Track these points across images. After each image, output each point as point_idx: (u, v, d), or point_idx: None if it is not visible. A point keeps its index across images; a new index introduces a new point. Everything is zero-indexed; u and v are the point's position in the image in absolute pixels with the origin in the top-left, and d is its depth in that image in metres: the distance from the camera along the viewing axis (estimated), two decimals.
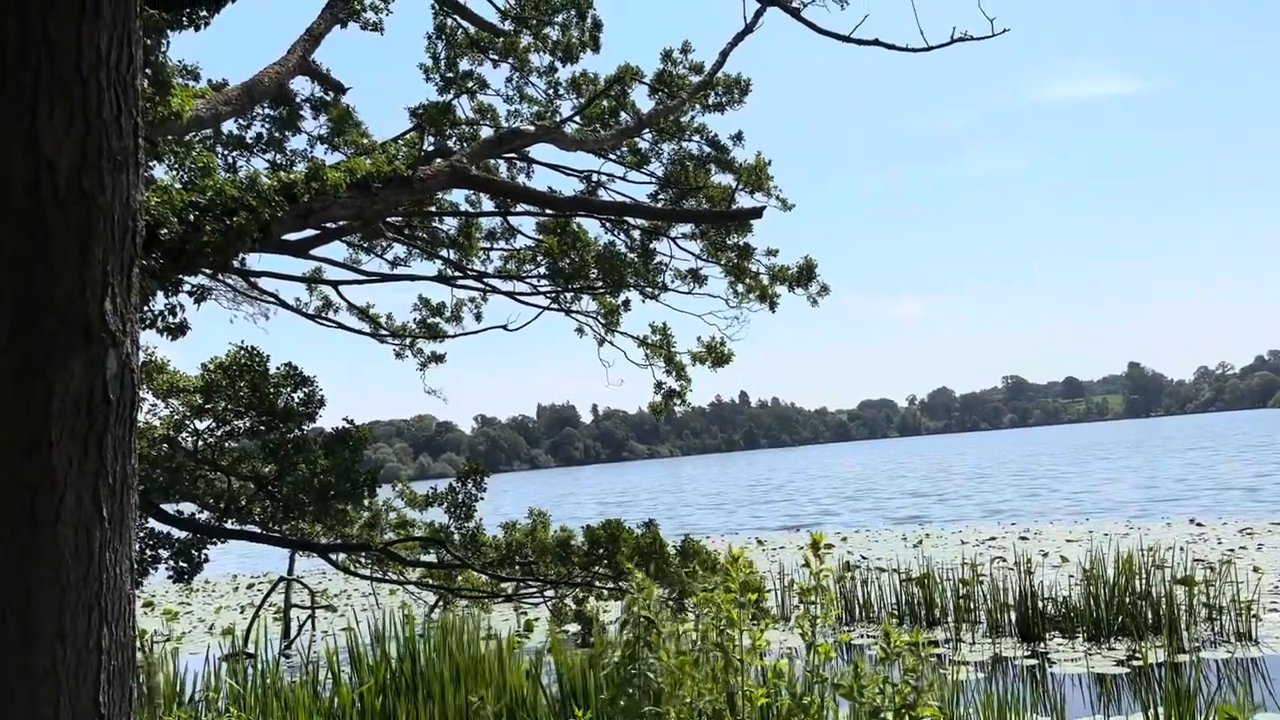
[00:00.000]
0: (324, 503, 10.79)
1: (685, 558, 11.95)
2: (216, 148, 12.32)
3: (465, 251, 13.74)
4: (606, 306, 14.46)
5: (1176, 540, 18.12)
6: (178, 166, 10.74)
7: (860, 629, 13.04)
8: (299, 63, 9.24)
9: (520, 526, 12.68)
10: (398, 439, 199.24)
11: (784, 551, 22.44)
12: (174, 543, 11.24)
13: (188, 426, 11.92)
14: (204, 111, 7.86)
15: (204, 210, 6.71)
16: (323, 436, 11.76)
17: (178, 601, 22.52)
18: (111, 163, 3.44)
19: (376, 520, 12.52)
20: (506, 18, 12.79)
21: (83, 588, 3.11)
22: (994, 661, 10.59)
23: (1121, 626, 11.11)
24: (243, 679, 7.87)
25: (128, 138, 3.46)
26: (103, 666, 3.14)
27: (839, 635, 5.51)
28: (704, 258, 14.16)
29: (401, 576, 13.77)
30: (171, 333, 7.52)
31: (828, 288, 13.84)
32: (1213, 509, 25.29)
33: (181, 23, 6.50)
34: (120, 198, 3.46)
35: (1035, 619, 11.44)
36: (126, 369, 3.37)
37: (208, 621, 18.83)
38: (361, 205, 8.38)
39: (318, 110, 12.30)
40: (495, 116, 13.65)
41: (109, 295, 3.33)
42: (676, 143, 14.04)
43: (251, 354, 11.31)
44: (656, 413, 15.44)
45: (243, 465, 11.93)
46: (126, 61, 3.46)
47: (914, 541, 22.71)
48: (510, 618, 15.69)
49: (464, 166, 9.35)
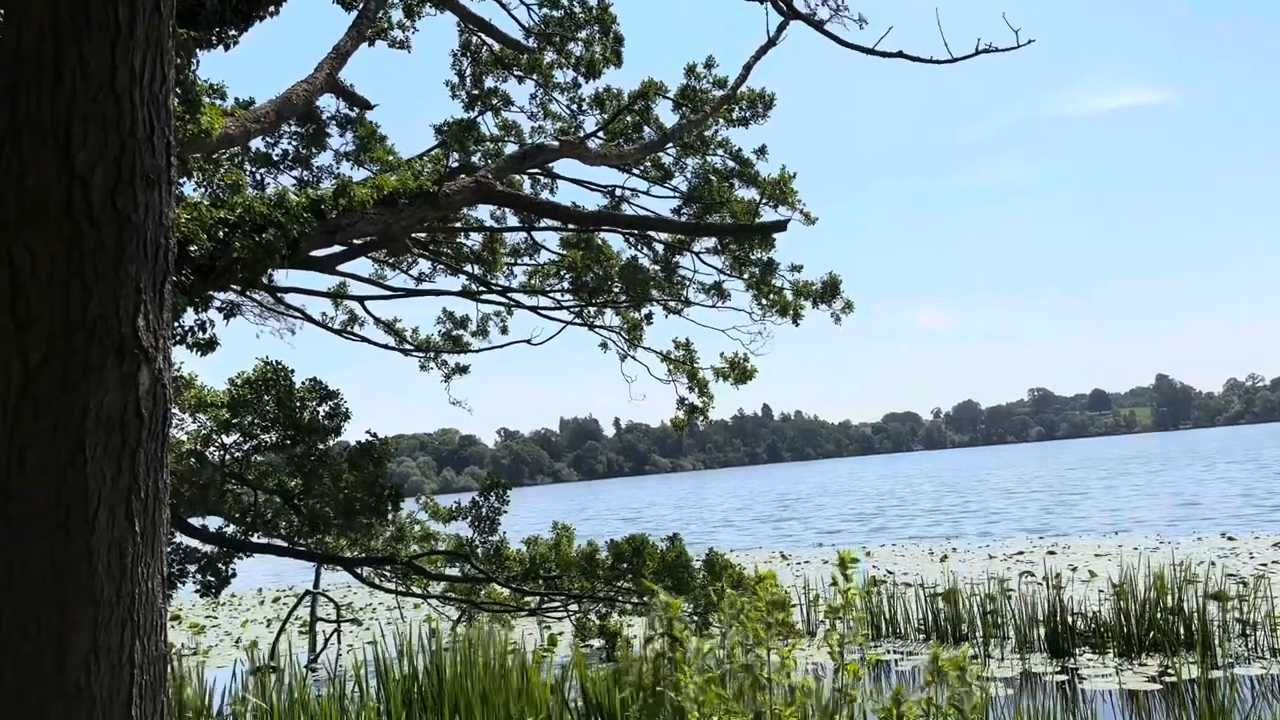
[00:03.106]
0: (348, 517, 10.83)
1: (711, 572, 11.90)
2: (244, 165, 12.46)
3: (489, 267, 13.79)
4: (629, 321, 14.46)
5: (1208, 555, 17.87)
6: (206, 183, 10.87)
7: (887, 644, 12.92)
8: (326, 80, 9.34)
9: (544, 540, 12.67)
10: (421, 453, 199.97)
11: (809, 566, 22.30)
12: (201, 556, 11.31)
13: (215, 441, 12.01)
14: (234, 130, 7.95)
15: (233, 227, 6.78)
16: (347, 450, 11.81)
17: (204, 615, 22.65)
18: (145, 180, 3.48)
19: (401, 534, 12.55)
20: (530, 35, 12.87)
21: (116, 603, 3.13)
22: (1023, 678, 10.46)
23: (1153, 642, 10.95)
24: (269, 693, 7.90)
25: (160, 156, 3.50)
26: (135, 681, 3.16)
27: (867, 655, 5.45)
28: (727, 272, 14.14)
29: (425, 590, 13.78)
30: (201, 348, 7.59)
31: (852, 304, 13.75)
32: (1245, 523, 24.92)
33: (210, 42, 6.59)
34: (153, 215, 3.50)
35: (1065, 634, 11.30)
36: (159, 385, 3.40)
37: (234, 635, 18.92)
38: (388, 221, 8.44)
39: (344, 127, 12.41)
40: (520, 133, 13.73)
41: (141, 312, 3.36)
42: (700, 157, 14.05)
43: (277, 369, 11.39)
44: (678, 428, 15.41)
45: (269, 479, 12.00)
46: (160, 81, 3.50)
47: (940, 556, 22.52)
48: (534, 632, 15.67)
49: (489, 182, 9.40)
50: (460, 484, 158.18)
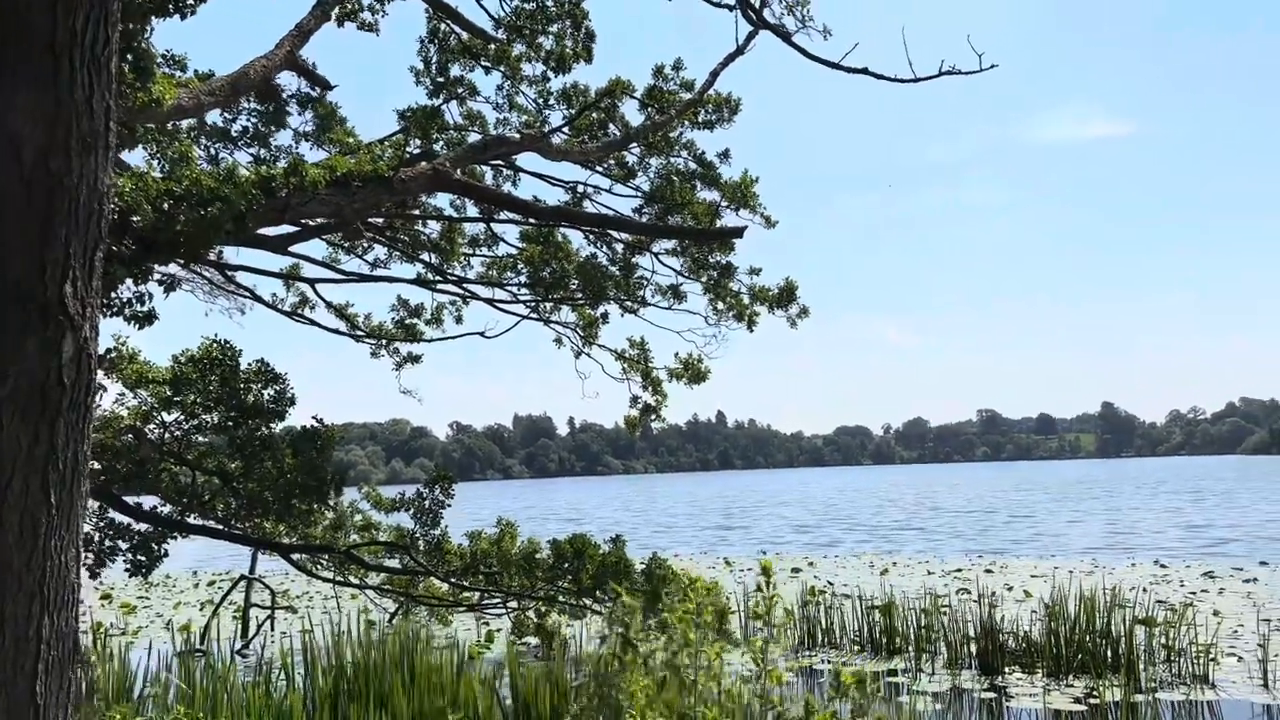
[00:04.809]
0: (287, 502, 10.66)
1: (650, 577, 11.88)
2: (201, 139, 12.23)
3: (446, 256, 13.67)
4: (585, 318, 14.43)
5: (1140, 581, 18.22)
6: (159, 155, 10.65)
7: (821, 654, 13.01)
8: (286, 58, 9.19)
9: (486, 536, 12.57)
10: (371, 442, 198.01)
11: (750, 574, 22.41)
12: (134, 535, 11.07)
13: (155, 418, 11.76)
14: (186, 101, 7.80)
15: (179, 199, 6.63)
16: (291, 435, 11.63)
17: (136, 596, 22.22)
18: (81, 144, 3.39)
19: (341, 522, 12.38)
20: (501, 26, 12.78)
21: (25, 575, 3.05)
22: (953, 693, 10.58)
23: (1081, 664, 11.14)
24: (194, 677, 7.75)
25: (99, 120, 3.41)
26: (41, 656, 3.08)
27: (789, 663, 5.48)
28: (685, 274, 14.15)
29: (363, 581, 13.62)
30: (139, 321, 7.43)
31: (807, 310, 13.84)
32: (1178, 553, 25.46)
33: (167, 9, 6.44)
34: (88, 180, 3.41)
35: (996, 653, 11.45)
36: (84, 353, 3.31)
37: (165, 617, 18.58)
38: (340, 203, 8.33)
39: (304, 106, 12.22)
40: (484, 123, 13.61)
41: (70, 278, 3.27)
42: (664, 158, 14.04)
43: (224, 348, 11.18)
44: (632, 427, 15.40)
45: (208, 460, 11.78)
46: (102, 43, 3.41)
47: (881, 569, 22.74)
48: (471, 628, 15.57)
49: (446, 170, 9.31)
50: (409, 475, 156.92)
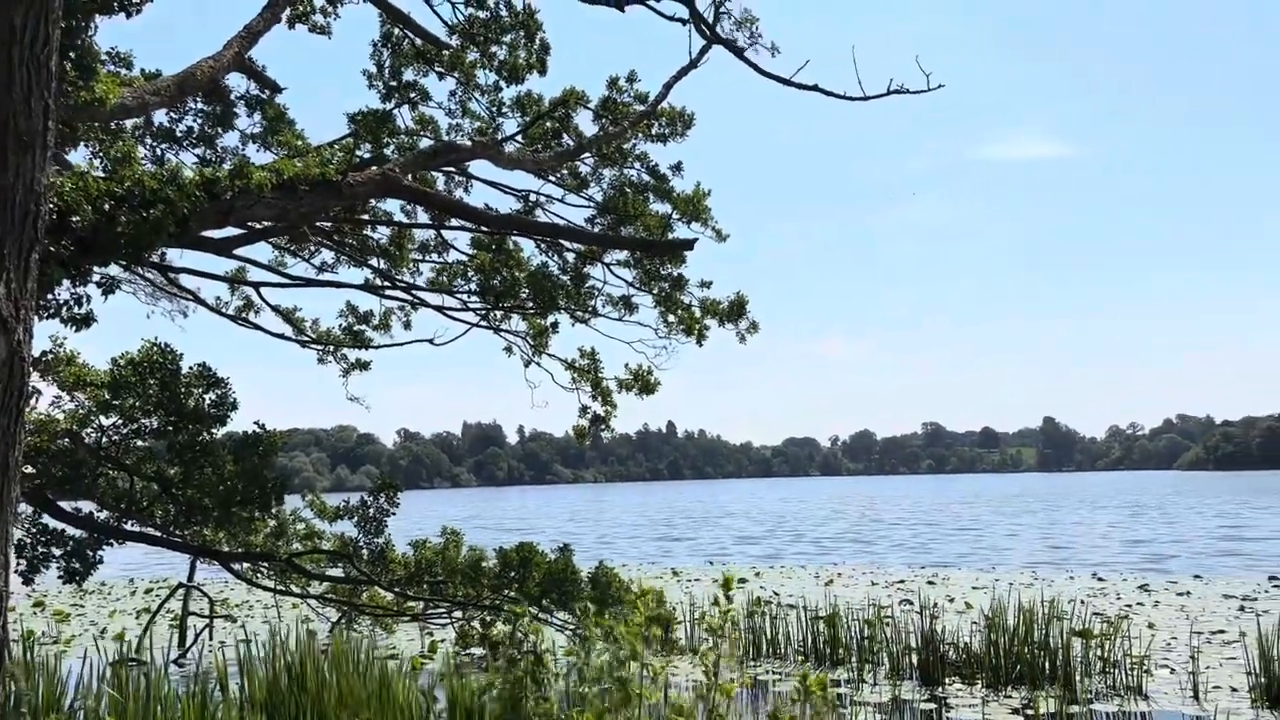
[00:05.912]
0: (227, 509, 10.47)
1: (596, 586, 11.87)
2: (146, 139, 12.01)
3: (395, 262, 13.57)
4: (536, 327, 14.40)
5: (1078, 593, 18.59)
6: (102, 154, 10.43)
7: (766, 664, 13.08)
8: (234, 59, 9.07)
9: (431, 545, 12.46)
10: (316, 449, 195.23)
11: (698, 584, 22.47)
12: (68, 541, 10.79)
13: (93, 422, 11.49)
14: (130, 100, 7.66)
15: (120, 200, 6.50)
16: (232, 440, 11.43)
17: (70, 603, 21.67)
18: (18, 143, 3.32)
19: (283, 530, 12.19)
20: (454, 33, 12.74)
21: None
22: (894, 704, 10.70)
23: (1019, 675, 11.33)
24: (128, 686, 7.57)
25: (37, 119, 3.34)
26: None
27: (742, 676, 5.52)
28: (636, 286, 14.19)
29: (305, 590, 13.43)
30: (76, 323, 7.26)
31: (757, 325, 13.96)
32: (1114, 566, 26.01)
33: (111, 7, 6.32)
34: (24, 180, 3.34)
35: (936, 663, 11.60)
36: (16, 356, 3.24)
37: (100, 625, 18.15)
38: (286, 207, 8.22)
39: (252, 108, 12.07)
40: (437, 129, 13.55)
41: (3, 279, 3.20)
42: (618, 169, 14.09)
43: (164, 351, 10.95)
44: (580, 437, 15.39)
45: (147, 465, 11.53)
46: (42, 42, 3.35)
47: (825, 580, 22.93)
48: (415, 638, 15.41)
49: (395, 176, 9.25)
50: (355, 483, 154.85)
